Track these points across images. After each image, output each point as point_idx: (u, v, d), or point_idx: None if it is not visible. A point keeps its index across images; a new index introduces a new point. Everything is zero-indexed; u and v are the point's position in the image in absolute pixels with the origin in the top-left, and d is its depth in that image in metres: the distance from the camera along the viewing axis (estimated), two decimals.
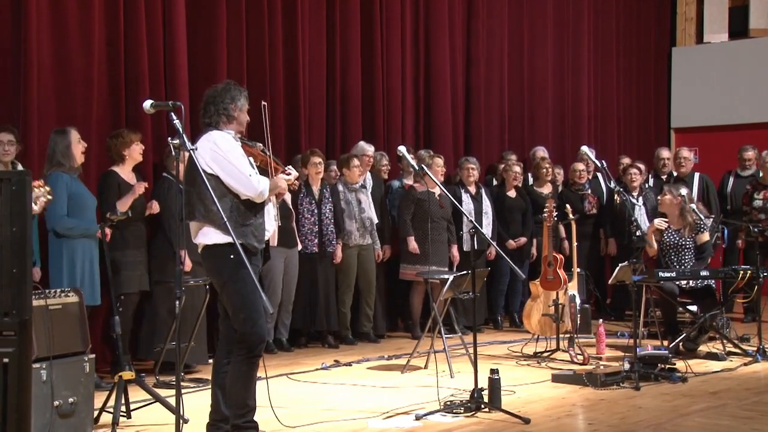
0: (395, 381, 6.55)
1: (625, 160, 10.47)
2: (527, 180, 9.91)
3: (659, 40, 13.59)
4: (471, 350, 5.79)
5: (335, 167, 8.45)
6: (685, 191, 7.70)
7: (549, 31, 11.51)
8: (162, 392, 5.49)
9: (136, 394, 5.30)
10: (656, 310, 7.89)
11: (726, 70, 12.95)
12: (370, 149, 8.77)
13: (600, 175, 10.09)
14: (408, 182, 8.96)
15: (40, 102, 6.61)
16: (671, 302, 7.36)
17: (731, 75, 12.90)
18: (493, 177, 10.12)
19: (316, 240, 7.99)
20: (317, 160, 8.01)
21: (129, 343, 6.63)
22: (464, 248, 8.75)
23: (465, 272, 7.04)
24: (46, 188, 4.50)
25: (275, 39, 8.35)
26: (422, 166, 6.59)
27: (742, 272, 7.21)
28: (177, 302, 4.07)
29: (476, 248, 8.56)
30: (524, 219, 9.29)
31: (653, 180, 10.14)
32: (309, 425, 5.14)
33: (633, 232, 9.04)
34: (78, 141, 6.19)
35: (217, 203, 4.20)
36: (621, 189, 7.40)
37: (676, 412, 5.42)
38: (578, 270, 7.84)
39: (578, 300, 7.64)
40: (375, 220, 8.43)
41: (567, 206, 8.22)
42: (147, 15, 7.30)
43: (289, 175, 4.79)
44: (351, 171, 8.27)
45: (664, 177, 10.05)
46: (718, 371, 6.72)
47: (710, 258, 7.70)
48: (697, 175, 9.84)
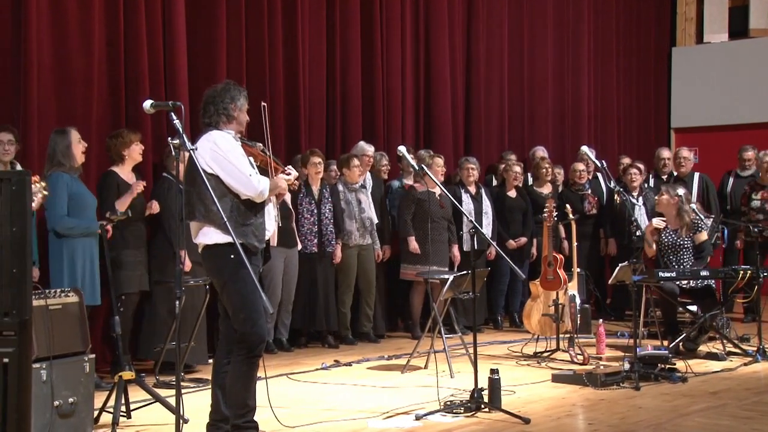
0: (395, 381, 6.55)
1: (625, 160, 10.47)
2: (527, 180, 9.91)
3: (659, 40, 13.59)
4: (471, 350, 5.79)
5: (335, 167, 8.45)
6: (683, 191, 7.68)
7: (549, 31, 11.50)
8: (162, 392, 5.49)
9: (136, 394, 5.30)
10: (656, 310, 7.89)
11: (726, 70, 12.95)
12: (370, 149, 8.77)
13: (600, 175, 10.08)
14: (408, 182, 8.95)
15: (40, 102, 6.61)
16: (671, 302, 7.35)
17: (731, 75, 12.89)
18: (493, 177, 10.12)
19: (316, 240, 7.99)
20: (317, 160, 8.01)
21: (129, 343, 6.63)
22: (464, 248, 8.75)
23: (465, 272, 7.04)
24: (42, 183, 4.50)
25: (275, 39, 8.35)
26: (422, 166, 6.59)
27: (742, 272, 7.21)
28: (177, 302, 4.07)
29: (476, 248, 8.57)
30: (524, 219, 9.29)
31: (653, 180, 10.13)
32: (309, 425, 5.14)
33: (633, 232, 9.02)
34: (78, 141, 6.19)
35: (217, 203, 4.20)
36: (621, 189, 7.39)
37: (676, 412, 5.41)
38: (578, 270, 7.83)
39: (578, 300, 7.64)
40: (375, 220, 8.43)
41: (567, 206, 8.21)
42: (147, 15, 7.30)
43: (289, 175, 4.79)
44: (351, 171, 8.27)
45: (665, 177, 10.03)
46: (718, 371, 6.72)
47: (710, 257, 7.70)
48: (697, 175, 9.84)
